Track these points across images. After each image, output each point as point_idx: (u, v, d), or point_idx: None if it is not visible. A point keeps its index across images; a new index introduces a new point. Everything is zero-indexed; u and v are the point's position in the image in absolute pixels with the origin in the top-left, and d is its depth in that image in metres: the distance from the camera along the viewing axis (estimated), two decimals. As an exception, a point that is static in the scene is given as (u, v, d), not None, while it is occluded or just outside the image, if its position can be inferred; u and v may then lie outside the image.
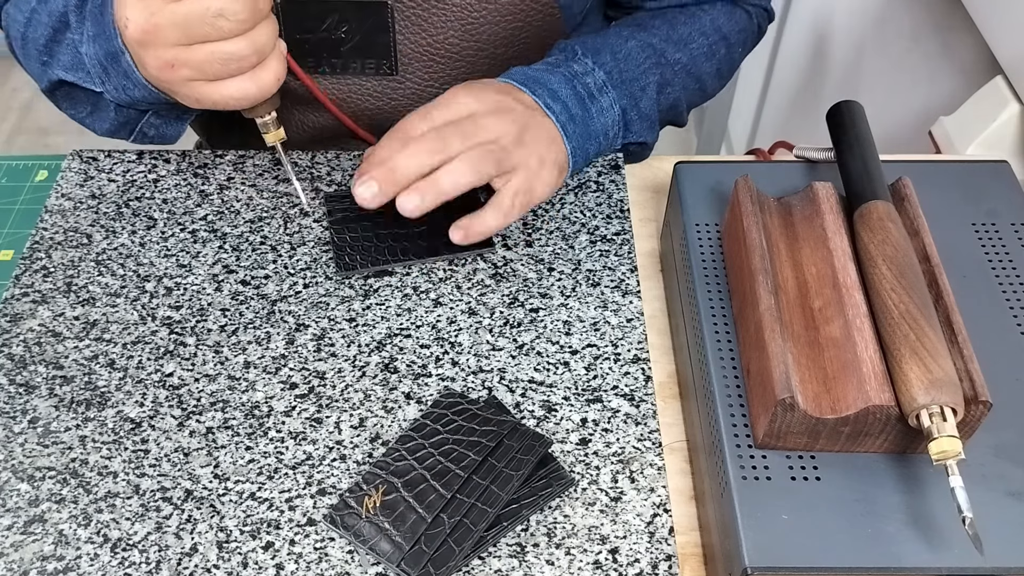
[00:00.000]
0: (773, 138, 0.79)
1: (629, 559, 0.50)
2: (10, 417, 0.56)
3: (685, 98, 0.75)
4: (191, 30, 0.54)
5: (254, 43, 0.55)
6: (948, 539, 0.45)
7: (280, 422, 0.56)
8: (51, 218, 0.67)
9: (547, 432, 0.56)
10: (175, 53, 0.55)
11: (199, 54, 0.55)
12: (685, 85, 0.74)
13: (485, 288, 0.63)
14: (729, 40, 0.77)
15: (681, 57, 0.73)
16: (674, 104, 0.74)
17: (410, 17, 0.70)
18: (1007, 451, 0.48)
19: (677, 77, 0.73)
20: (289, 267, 0.64)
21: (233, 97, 0.57)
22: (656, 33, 0.73)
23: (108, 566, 0.50)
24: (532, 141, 0.62)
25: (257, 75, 0.57)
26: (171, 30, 0.54)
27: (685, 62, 0.73)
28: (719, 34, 0.76)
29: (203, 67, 0.55)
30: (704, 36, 0.75)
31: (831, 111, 0.61)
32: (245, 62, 0.56)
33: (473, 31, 0.71)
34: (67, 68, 0.66)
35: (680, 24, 0.74)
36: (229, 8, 0.53)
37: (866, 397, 0.45)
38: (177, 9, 0.53)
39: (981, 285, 0.56)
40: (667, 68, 0.72)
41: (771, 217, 0.56)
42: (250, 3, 0.54)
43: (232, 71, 0.56)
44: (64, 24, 0.65)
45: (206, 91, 0.57)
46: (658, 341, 0.62)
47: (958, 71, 0.93)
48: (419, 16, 0.70)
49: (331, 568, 0.50)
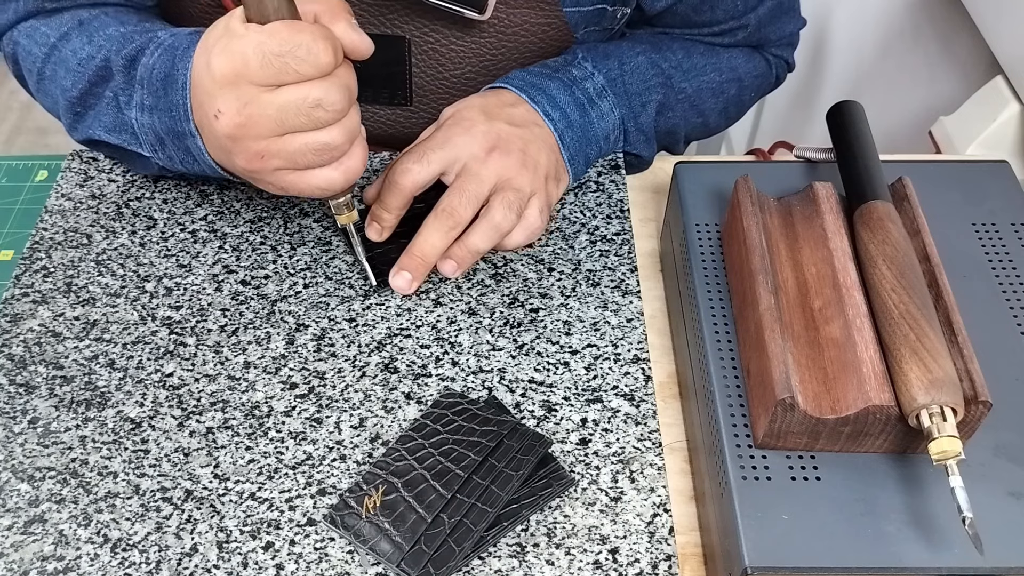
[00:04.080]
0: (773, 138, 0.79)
1: (629, 559, 0.50)
2: (10, 417, 0.56)
3: (684, 128, 0.75)
4: (287, 121, 0.51)
5: (347, 131, 0.53)
6: (948, 539, 0.45)
7: (280, 422, 0.56)
8: (51, 218, 0.67)
9: (547, 432, 0.56)
10: (267, 144, 0.52)
11: (292, 144, 0.52)
12: (686, 116, 0.74)
13: (485, 288, 0.63)
14: (742, 82, 0.77)
15: (687, 87, 0.72)
16: (672, 130, 0.74)
17: (427, 52, 0.69)
18: (1007, 451, 0.48)
19: (679, 105, 0.73)
20: (289, 267, 0.64)
21: (319, 188, 0.54)
22: (669, 57, 0.72)
23: (108, 566, 0.50)
24: (535, 160, 0.62)
25: (344, 163, 0.54)
26: (266, 121, 0.51)
27: (690, 93, 0.73)
28: (734, 74, 0.75)
29: (295, 158, 0.52)
30: (717, 72, 0.74)
31: (831, 111, 0.61)
32: (338, 151, 0.53)
33: (490, 67, 0.70)
34: (109, 130, 0.63)
35: (696, 55, 0.73)
36: (327, 99, 0.50)
37: (866, 397, 0.45)
38: (273, 100, 0.50)
39: (981, 285, 0.56)
40: (671, 93, 0.72)
41: (771, 217, 0.56)
42: (347, 93, 0.51)
43: (325, 161, 0.53)
44: (103, 79, 0.62)
45: (292, 180, 0.54)
46: (658, 341, 0.62)
47: (958, 71, 0.93)
48: (436, 52, 0.69)
49: (331, 568, 0.50)
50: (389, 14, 0.67)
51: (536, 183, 0.61)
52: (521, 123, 0.63)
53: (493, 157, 0.60)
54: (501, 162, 0.60)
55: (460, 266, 0.60)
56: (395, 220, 0.62)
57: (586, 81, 0.67)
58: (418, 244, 0.60)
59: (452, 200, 0.60)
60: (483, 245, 0.60)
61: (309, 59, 0.49)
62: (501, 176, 0.60)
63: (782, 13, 0.75)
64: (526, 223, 0.61)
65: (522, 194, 0.60)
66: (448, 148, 0.60)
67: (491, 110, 0.63)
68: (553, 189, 0.64)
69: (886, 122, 1.06)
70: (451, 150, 0.60)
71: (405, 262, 0.60)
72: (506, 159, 0.60)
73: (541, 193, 0.62)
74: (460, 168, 0.60)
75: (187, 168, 0.61)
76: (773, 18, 0.74)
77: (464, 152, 0.60)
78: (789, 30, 0.78)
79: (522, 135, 0.62)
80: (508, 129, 0.62)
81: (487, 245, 0.60)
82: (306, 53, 0.49)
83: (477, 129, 0.61)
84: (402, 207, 0.61)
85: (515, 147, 0.61)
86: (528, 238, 0.62)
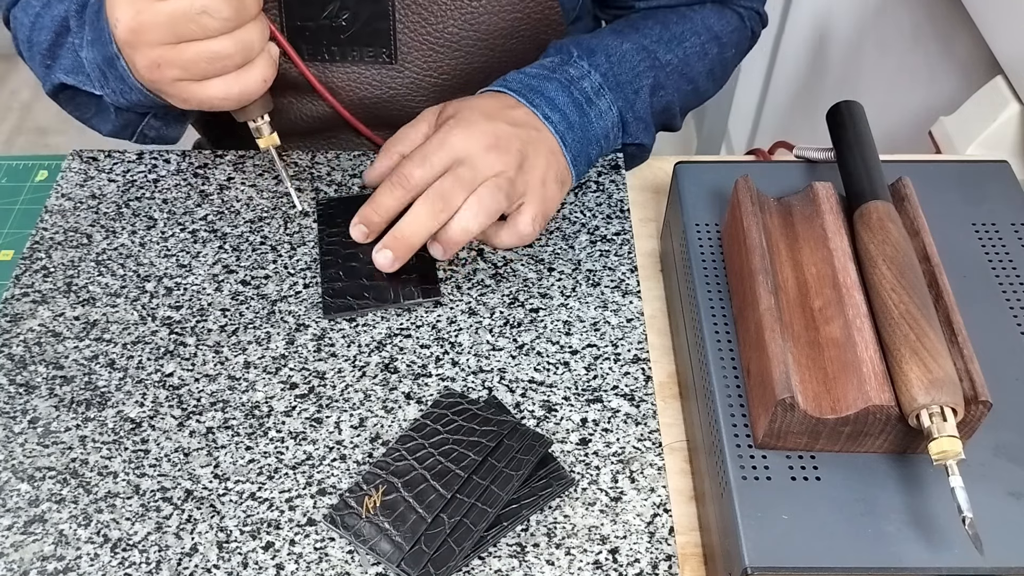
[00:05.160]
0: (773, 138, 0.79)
1: (629, 559, 0.50)
2: (10, 417, 0.56)
3: (679, 100, 0.75)
4: (177, 28, 0.54)
5: (240, 42, 0.56)
6: (948, 539, 0.45)
7: (280, 422, 0.56)
8: (51, 218, 0.67)
9: (547, 432, 0.56)
10: (161, 52, 0.55)
11: (186, 53, 0.55)
12: (678, 87, 0.74)
13: (485, 288, 0.63)
14: (721, 39, 0.77)
15: (672, 58, 0.73)
16: (667, 107, 0.74)
17: (411, 6, 0.70)
18: (1007, 451, 0.48)
19: (670, 79, 0.73)
20: (289, 267, 0.64)
21: (217, 97, 0.58)
22: (648, 34, 0.73)
23: (108, 566, 0.50)
24: (533, 163, 0.62)
25: (242, 76, 0.57)
26: (157, 29, 0.54)
27: (677, 63, 0.73)
28: (710, 33, 0.76)
29: (189, 66, 0.56)
30: (696, 35, 0.75)
31: (831, 111, 0.61)
32: (230, 60, 0.56)
33: (473, 21, 0.71)
34: (68, 72, 0.67)
35: (672, 24, 0.74)
36: (213, 6, 0.53)
37: (866, 397, 0.45)
38: (162, 7, 0.53)
39: (981, 285, 0.56)
40: (660, 70, 0.72)
41: (771, 217, 0.56)
42: (235, 1, 0.54)
43: (218, 70, 0.56)
44: (65, 28, 0.66)
45: (192, 91, 0.57)
46: (658, 341, 0.62)
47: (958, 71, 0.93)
48: (420, 6, 0.70)
49: (331, 568, 0.50)
50: None
51: (532, 184, 0.61)
52: (521, 124, 0.63)
53: (492, 155, 0.60)
54: (499, 159, 0.60)
55: (447, 250, 0.60)
56: (383, 224, 0.61)
57: (583, 80, 0.67)
58: (405, 223, 0.59)
59: (444, 183, 0.60)
60: (472, 226, 0.59)
61: None
62: (496, 170, 0.60)
63: None
64: (516, 227, 0.61)
65: (514, 186, 0.60)
66: (447, 148, 0.60)
67: (491, 111, 0.63)
68: (555, 192, 0.63)
69: (886, 122, 1.06)
70: (450, 150, 0.60)
71: (389, 242, 0.60)
72: (505, 157, 0.61)
73: (536, 196, 0.62)
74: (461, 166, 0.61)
75: (127, 99, 0.64)
76: None
77: (462, 150, 0.61)
78: None
79: (521, 136, 0.62)
80: (508, 129, 0.62)
81: (476, 227, 0.59)
82: None
83: (477, 128, 0.61)
84: (395, 211, 0.61)
85: (514, 147, 0.61)
86: (517, 242, 0.62)
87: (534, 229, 0.61)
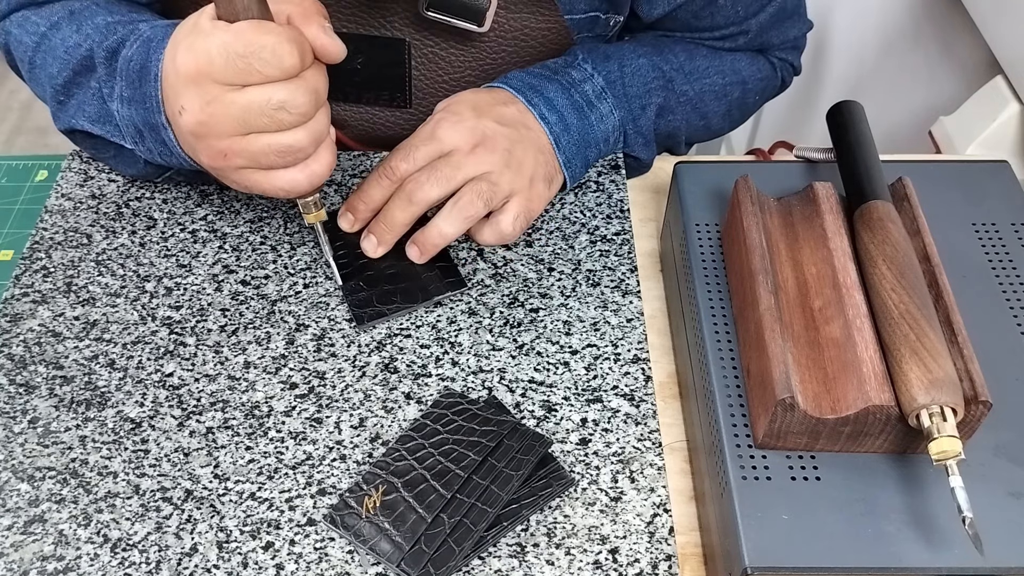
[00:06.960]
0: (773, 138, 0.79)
1: (629, 559, 0.50)
2: (10, 417, 0.56)
3: (686, 130, 0.74)
4: (250, 120, 0.50)
5: (312, 133, 0.53)
6: (948, 539, 0.45)
7: (280, 422, 0.56)
8: (51, 218, 0.67)
9: (547, 432, 0.56)
10: (230, 143, 0.52)
11: (255, 145, 0.52)
12: (688, 119, 0.74)
13: (485, 288, 0.63)
14: (746, 84, 0.76)
15: (688, 90, 0.72)
16: (673, 133, 0.73)
17: (427, 55, 0.69)
18: (1007, 451, 0.48)
19: (681, 108, 0.72)
20: (289, 267, 0.64)
21: (284, 188, 0.54)
22: (671, 60, 0.71)
23: (108, 566, 0.50)
24: (520, 161, 0.62)
25: (311, 164, 0.54)
26: (228, 121, 0.51)
27: (691, 96, 0.72)
28: (737, 76, 0.75)
29: (258, 158, 0.52)
30: (720, 75, 0.74)
31: (831, 111, 0.61)
32: (302, 153, 0.53)
33: (490, 70, 0.70)
34: (93, 121, 0.63)
35: (699, 57, 0.73)
36: (291, 101, 0.50)
37: (866, 397, 0.45)
38: (236, 99, 0.50)
39: (981, 285, 0.56)
40: (672, 96, 0.71)
41: (771, 217, 0.56)
42: (312, 95, 0.51)
43: (288, 162, 0.53)
44: (87, 68, 0.62)
45: (256, 179, 0.54)
46: (658, 341, 0.62)
47: (958, 71, 0.93)
48: (436, 55, 0.69)
49: (331, 568, 0.50)
50: (389, 16, 0.67)
51: (518, 184, 0.61)
52: (510, 123, 0.63)
53: (477, 152, 0.61)
54: (484, 158, 0.61)
55: (423, 252, 0.62)
56: (370, 215, 0.63)
57: (585, 83, 0.67)
58: (381, 214, 0.62)
59: (421, 176, 0.60)
60: (448, 230, 0.61)
61: (273, 61, 0.49)
62: (480, 171, 0.60)
63: (785, 18, 0.75)
64: (498, 226, 0.62)
65: (497, 189, 0.60)
66: (433, 143, 0.61)
67: (482, 107, 0.63)
68: (543, 191, 0.63)
69: (886, 122, 1.06)
70: (436, 144, 0.61)
71: (373, 226, 0.63)
72: (490, 156, 0.61)
73: (522, 196, 0.62)
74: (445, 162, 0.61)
75: (166, 161, 0.61)
76: (775, 23, 0.74)
77: (448, 145, 0.61)
78: (793, 34, 0.77)
79: (509, 135, 0.62)
80: (495, 127, 0.62)
81: (452, 231, 0.61)
82: (271, 55, 0.49)
83: (464, 124, 0.61)
84: (380, 201, 0.62)
85: (500, 146, 0.61)
86: (498, 241, 0.62)
87: (515, 229, 0.62)
